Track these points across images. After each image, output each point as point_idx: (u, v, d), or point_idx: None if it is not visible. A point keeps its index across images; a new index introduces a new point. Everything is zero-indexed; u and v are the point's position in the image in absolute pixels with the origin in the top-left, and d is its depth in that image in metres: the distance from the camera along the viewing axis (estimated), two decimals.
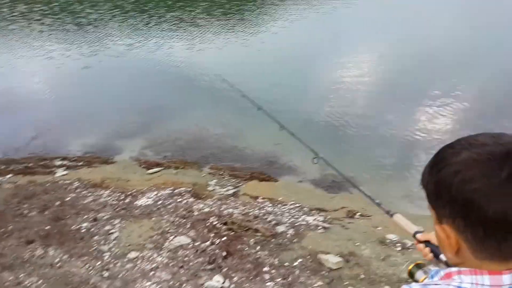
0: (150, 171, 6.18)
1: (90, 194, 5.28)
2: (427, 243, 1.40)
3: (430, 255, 1.37)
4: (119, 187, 5.56)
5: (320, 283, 3.65)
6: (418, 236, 1.46)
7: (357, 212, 4.92)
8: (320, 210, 4.96)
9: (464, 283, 0.84)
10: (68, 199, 5.13)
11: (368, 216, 4.86)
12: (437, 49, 10.36)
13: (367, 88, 8.77)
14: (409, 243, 4.26)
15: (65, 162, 6.40)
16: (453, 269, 0.89)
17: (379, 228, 4.59)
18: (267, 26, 13.07)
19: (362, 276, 3.71)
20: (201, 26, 13.55)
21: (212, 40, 12.08)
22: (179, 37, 12.52)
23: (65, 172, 6.04)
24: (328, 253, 3.98)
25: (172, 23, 14.04)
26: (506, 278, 0.83)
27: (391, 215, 1.77)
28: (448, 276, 0.89)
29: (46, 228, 4.49)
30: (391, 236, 4.36)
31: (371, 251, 4.06)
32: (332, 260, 3.85)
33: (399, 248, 4.17)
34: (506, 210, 0.78)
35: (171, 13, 15.14)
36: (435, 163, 0.89)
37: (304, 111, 7.66)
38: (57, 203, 5.02)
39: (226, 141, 6.98)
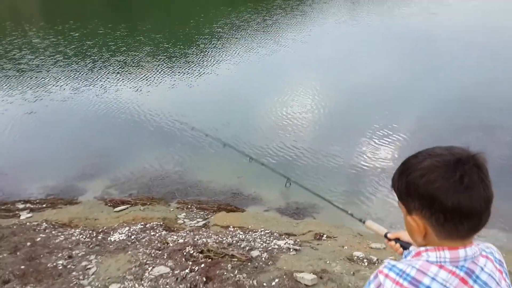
0: (117, 209, 6.23)
1: (60, 233, 5.27)
2: (396, 240, 1.68)
3: (400, 249, 1.66)
4: (89, 225, 5.59)
5: None
6: (389, 235, 1.73)
7: (323, 234, 5.26)
8: (289, 234, 5.25)
9: (430, 257, 1.16)
10: (38, 239, 5.09)
11: (334, 237, 5.20)
12: (370, 86, 11.21)
13: (312, 119, 9.31)
14: (374, 258, 4.63)
15: (28, 205, 6.32)
16: (422, 248, 1.20)
17: (345, 247, 4.95)
18: (211, 69, 13.51)
19: None
20: (146, 69, 13.79)
21: (158, 82, 12.31)
22: (125, 80, 12.67)
23: (29, 215, 5.97)
24: (302, 271, 4.24)
25: (117, 67, 14.20)
26: (461, 251, 1.15)
27: (363, 222, 2.04)
28: (418, 254, 1.20)
29: (21, 267, 4.43)
30: (358, 253, 4.71)
31: (342, 267, 4.38)
32: (307, 277, 4.11)
33: (366, 263, 4.53)
34: (460, 202, 1.10)
35: (115, 58, 15.30)
36: (403, 170, 1.23)
37: (263, 145, 8.04)
38: (28, 243, 4.96)
39: (190, 177, 7.18)
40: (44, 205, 6.31)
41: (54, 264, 4.55)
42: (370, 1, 20.83)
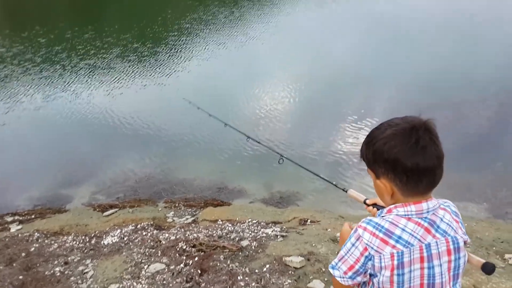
0: (106, 213, 6.38)
1: (53, 242, 5.39)
2: (374, 205, 1.90)
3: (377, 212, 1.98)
4: (80, 231, 5.72)
5: (289, 281, 4.15)
6: (367, 201, 1.96)
7: (307, 219, 5.54)
8: (276, 222, 5.52)
9: (399, 212, 1.44)
10: (32, 249, 5.21)
11: (318, 221, 5.49)
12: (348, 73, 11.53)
13: (288, 109, 9.56)
14: None
15: (16, 217, 6.40)
16: (391, 206, 1.48)
17: (329, 230, 5.24)
18: (183, 65, 13.54)
19: (323, 269, 4.27)
20: (117, 71, 13.75)
21: (130, 83, 12.28)
22: (96, 84, 12.63)
23: (19, 227, 6.05)
24: (290, 255, 4.51)
25: (87, 71, 14.14)
26: (424, 205, 1.43)
27: (346, 191, 2.28)
28: (389, 211, 1.48)
29: (20, 277, 4.57)
30: None
31: (327, 249, 4.67)
32: (295, 260, 4.38)
33: None
34: (417, 162, 1.37)
35: (85, 61, 15.19)
36: (369, 141, 1.50)
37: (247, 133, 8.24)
38: (23, 254, 5.09)
39: (174, 176, 7.37)
40: (33, 216, 6.39)
41: (52, 271, 4.69)
42: None
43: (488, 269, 1.57)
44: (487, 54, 11.32)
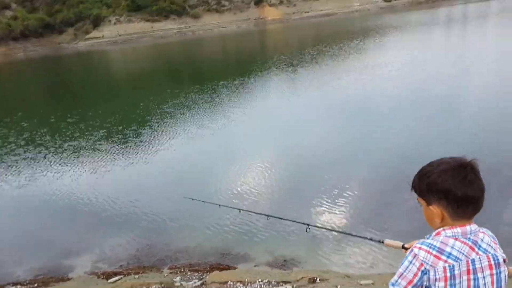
0: (111, 280, 6.37)
1: None
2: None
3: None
4: None
5: None
6: (406, 245, 2.29)
7: (316, 278, 5.74)
8: (286, 282, 5.69)
9: (448, 233, 1.81)
10: None
11: (327, 279, 5.70)
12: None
13: (269, 183, 9.78)
14: None
15: (18, 287, 6.29)
16: (440, 229, 1.85)
17: (338, 287, 5.46)
18: (166, 145, 13.94)
19: None
20: (102, 151, 14.04)
21: (114, 163, 12.59)
22: (81, 163, 12.84)
23: None
24: None
25: (72, 152, 14.36)
26: (468, 228, 1.81)
27: (382, 242, 2.60)
28: (437, 233, 1.84)
29: None
30: None
31: None
32: None
33: None
34: (466, 192, 1.76)
35: (69, 143, 15.46)
36: (422, 174, 1.88)
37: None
38: None
39: (175, 245, 7.47)
40: (35, 285, 6.30)
41: None
42: (308, 77, 22.68)
43: None
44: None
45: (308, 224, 3.44)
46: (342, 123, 14.23)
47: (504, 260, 1.84)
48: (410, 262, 1.80)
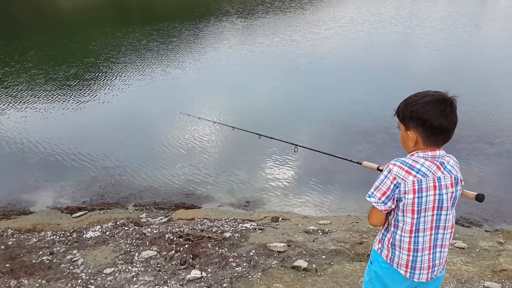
0: (76, 214, 6.41)
1: (30, 237, 5.38)
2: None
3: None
4: (56, 229, 5.74)
5: (275, 261, 4.63)
6: (380, 168, 2.59)
7: (279, 217, 6.08)
8: (250, 220, 5.98)
9: (420, 155, 2.09)
10: (10, 243, 5.17)
11: (288, 219, 6.06)
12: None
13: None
14: (326, 229, 5.57)
15: None
16: (413, 151, 2.13)
17: (300, 225, 5.82)
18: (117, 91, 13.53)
19: (304, 252, 4.82)
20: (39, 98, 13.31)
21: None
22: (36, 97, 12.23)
23: None
24: (273, 242, 5.01)
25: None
26: (437, 152, 2.10)
27: (360, 163, 2.93)
28: (411, 155, 2.13)
29: (6, 265, 4.57)
30: (311, 227, 5.62)
31: (303, 237, 5.23)
32: (278, 245, 4.89)
33: (320, 233, 5.44)
34: (441, 123, 2.01)
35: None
36: (409, 102, 2.13)
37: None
38: (2, 247, 5.04)
39: (139, 183, 7.55)
40: None
41: (39, 260, 4.74)
42: (260, 26, 22.51)
43: (480, 198, 2.26)
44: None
45: (296, 145, 3.85)
46: (288, 78, 14.41)
47: (461, 181, 2.16)
48: (385, 176, 2.09)
